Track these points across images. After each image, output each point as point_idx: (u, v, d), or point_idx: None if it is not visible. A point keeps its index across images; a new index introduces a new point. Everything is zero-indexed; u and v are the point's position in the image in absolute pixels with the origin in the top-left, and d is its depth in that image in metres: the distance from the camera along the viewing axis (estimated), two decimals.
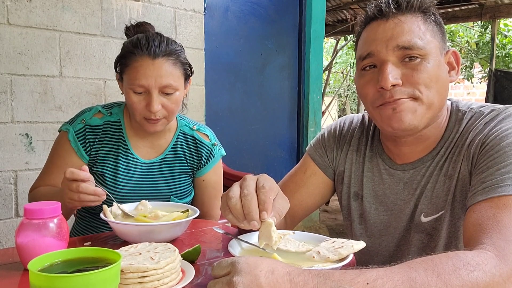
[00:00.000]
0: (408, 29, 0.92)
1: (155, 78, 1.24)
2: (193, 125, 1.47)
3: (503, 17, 6.54)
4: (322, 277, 0.61)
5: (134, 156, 1.38)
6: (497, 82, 6.19)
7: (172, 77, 1.27)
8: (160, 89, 1.26)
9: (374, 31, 0.95)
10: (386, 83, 0.90)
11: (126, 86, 1.29)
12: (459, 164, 0.94)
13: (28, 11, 2.21)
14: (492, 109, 0.95)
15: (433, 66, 0.91)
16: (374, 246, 1.08)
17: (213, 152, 1.46)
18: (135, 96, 1.27)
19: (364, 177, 1.09)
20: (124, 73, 1.30)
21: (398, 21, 0.93)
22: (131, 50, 1.28)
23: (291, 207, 1.12)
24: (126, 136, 1.39)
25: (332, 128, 1.19)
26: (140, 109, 1.27)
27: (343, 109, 14.16)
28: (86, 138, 1.34)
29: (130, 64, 1.27)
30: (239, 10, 3.40)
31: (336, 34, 8.06)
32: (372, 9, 0.97)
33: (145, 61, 1.25)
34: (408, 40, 0.90)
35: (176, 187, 1.43)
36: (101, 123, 1.37)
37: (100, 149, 1.36)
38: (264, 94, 3.64)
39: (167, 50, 1.27)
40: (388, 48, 0.92)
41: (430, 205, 0.98)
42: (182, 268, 0.78)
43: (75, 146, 1.34)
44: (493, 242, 0.70)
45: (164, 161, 1.42)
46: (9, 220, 2.23)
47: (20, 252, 0.82)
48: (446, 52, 0.97)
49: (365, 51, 0.95)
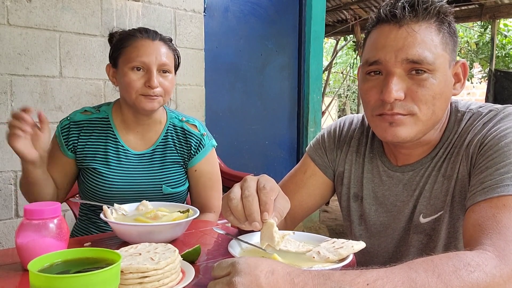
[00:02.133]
0: (421, 41, 0.88)
1: (156, 55, 1.35)
2: (182, 117, 1.52)
3: (503, 17, 6.54)
4: (322, 277, 0.61)
5: (125, 148, 1.43)
6: (497, 82, 6.19)
7: (169, 58, 1.39)
8: (158, 67, 1.36)
9: (385, 37, 0.91)
10: (389, 98, 0.89)
11: (124, 66, 1.36)
12: (458, 164, 0.94)
13: (28, 12, 2.21)
14: (490, 109, 0.94)
15: (439, 83, 0.89)
16: (374, 247, 1.08)
17: (202, 142, 1.49)
18: (134, 74, 1.34)
19: (364, 178, 1.09)
20: (122, 56, 1.38)
21: (411, 30, 0.88)
22: (131, 33, 1.39)
23: (292, 207, 1.12)
24: (116, 130, 1.44)
25: (331, 128, 1.19)
26: (138, 86, 1.34)
27: (343, 109, 14.16)
28: (70, 133, 1.41)
29: (131, 44, 1.36)
30: (239, 10, 3.40)
31: (336, 34, 8.06)
32: (385, 11, 0.92)
33: (146, 41, 1.36)
34: (419, 53, 0.87)
35: (167, 177, 1.46)
36: (85, 118, 1.43)
37: (87, 144, 1.41)
38: (264, 94, 3.64)
39: (161, 37, 1.41)
40: (397, 59, 0.89)
41: (429, 205, 0.98)
42: (182, 269, 0.78)
43: (59, 141, 1.42)
44: (493, 242, 0.70)
45: (155, 152, 1.46)
46: (9, 220, 2.23)
47: (20, 252, 0.82)
48: (455, 63, 0.94)
49: (373, 56, 0.92)
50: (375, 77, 0.93)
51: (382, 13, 0.92)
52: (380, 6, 0.95)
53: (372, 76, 0.94)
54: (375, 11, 0.96)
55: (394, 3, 0.91)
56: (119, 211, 1.09)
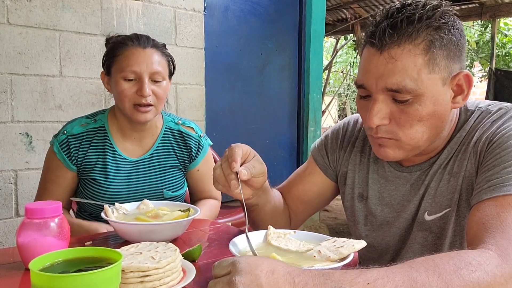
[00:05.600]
0: (401, 68, 0.84)
1: (147, 64, 1.33)
2: (177, 120, 1.53)
3: (503, 16, 6.53)
4: (322, 277, 0.60)
5: (122, 157, 1.42)
6: (497, 81, 6.18)
7: (161, 65, 1.37)
8: (150, 76, 1.34)
9: (368, 61, 0.89)
10: (371, 124, 0.89)
11: (116, 75, 1.35)
12: (465, 162, 0.92)
13: (28, 11, 2.20)
14: (500, 107, 0.93)
15: (425, 106, 0.86)
16: (378, 245, 1.07)
17: (201, 143, 1.52)
18: (126, 83, 1.33)
19: (370, 178, 1.08)
20: (114, 65, 1.36)
21: (390, 58, 0.84)
22: (122, 41, 1.37)
23: (290, 198, 1.20)
24: (112, 138, 1.42)
25: (335, 129, 1.19)
26: (130, 95, 1.33)
27: (343, 108, 14.15)
28: (70, 147, 1.37)
29: (121, 54, 1.35)
30: (239, 9, 3.39)
31: (336, 33, 8.05)
32: (368, 33, 0.89)
33: (136, 50, 1.34)
34: (398, 82, 0.84)
35: (167, 181, 1.46)
36: (83, 130, 1.40)
37: (86, 155, 1.39)
38: (264, 93, 3.64)
39: (154, 43, 1.39)
40: (377, 87, 0.87)
41: (434, 203, 0.97)
42: (183, 268, 0.78)
43: (61, 157, 1.37)
44: (496, 241, 0.70)
45: (153, 157, 1.46)
46: (9, 219, 2.23)
47: (21, 251, 0.82)
48: (457, 75, 0.88)
49: (359, 80, 0.91)
50: (365, 98, 0.94)
51: (366, 34, 0.90)
52: (370, 22, 0.91)
53: (363, 97, 0.94)
54: (371, 20, 0.92)
55: (377, 24, 0.87)
56: (120, 210, 1.09)
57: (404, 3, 0.88)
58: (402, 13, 0.85)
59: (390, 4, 0.91)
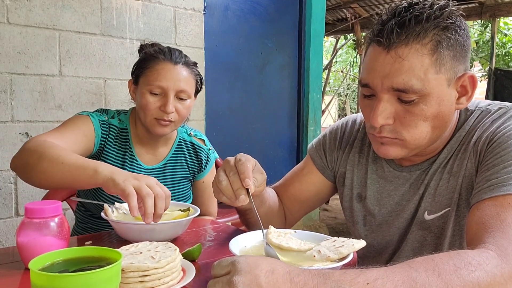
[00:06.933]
0: (408, 67, 0.83)
1: (174, 81, 1.33)
2: (190, 132, 1.54)
3: (503, 15, 6.53)
4: (322, 277, 0.60)
5: (138, 162, 1.42)
6: (497, 81, 6.19)
7: (188, 84, 1.36)
8: (176, 93, 1.34)
9: (374, 60, 0.87)
10: (375, 124, 0.89)
11: (143, 87, 1.34)
12: (465, 161, 0.92)
13: (27, 10, 2.20)
14: (500, 107, 0.93)
15: (431, 106, 0.85)
16: (378, 245, 1.07)
17: (209, 156, 1.55)
18: (151, 97, 1.33)
19: (368, 178, 1.08)
20: (142, 76, 1.36)
21: (398, 57, 0.83)
22: (154, 54, 1.36)
23: (286, 197, 1.20)
24: (132, 143, 1.42)
25: (334, 129, 1.19)
26: (153, 109, 1.33)
27: (343, 108, 14.15)
28: (103, 131, 1.36)
29: (152, 67, 1.34)
30: (239, 9, 3.39)
31: (336, 33, 8.05)
32: (375, 31, 0.87)
33: (167, 65, 1.34)
34: (405, 82, 0.83)
35: (177, 192, 1.47)
36: (117, 125, 1.41)
37: (109, 151, 1.38)
38: (264, 93, 3.64)
39: (185, 60, 1.38)
40: (383, 86, 0.86)
41: (434, 203, 0.97)
42: (183, 267, 0.78)
43: (95, 125, 1.34)
44: (496, 241, 0.70)
45: (166, 167, 1.46)
46: (9, 219, 2.23)
47: (21, 251, 0.82)
48: (462, 76, 0.87)
49: (364, 79, 0.90)
50: (368, 97, 0.93)
51: (372, 33, 0.88)
52: (375, 20, 0.90)
53: (367, 95, 0.93)
54: (374, 21, 0.91)
55: (384, 22, 0.86)
56: (119, 210, 1.09)
57: (411, 2, 0.87)
58: (410, 12, 0.84)
59: (395, 3, 0.89)
